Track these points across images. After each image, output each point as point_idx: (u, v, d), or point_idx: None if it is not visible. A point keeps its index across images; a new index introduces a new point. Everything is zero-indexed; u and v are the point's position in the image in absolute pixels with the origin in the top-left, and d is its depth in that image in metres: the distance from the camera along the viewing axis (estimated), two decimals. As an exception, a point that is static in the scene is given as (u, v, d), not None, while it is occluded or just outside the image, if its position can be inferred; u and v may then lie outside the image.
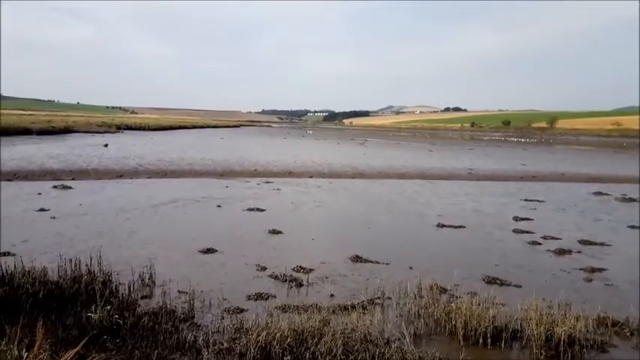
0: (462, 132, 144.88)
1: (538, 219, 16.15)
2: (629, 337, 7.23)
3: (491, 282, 9.56)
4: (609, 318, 7.59)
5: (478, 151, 54.73)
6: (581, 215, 17.18)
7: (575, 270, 10.58)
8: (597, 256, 11.71)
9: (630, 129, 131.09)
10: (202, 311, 7.60)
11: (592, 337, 6.89)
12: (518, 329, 6.98)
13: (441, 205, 18.47)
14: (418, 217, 16.23)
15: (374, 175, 28.32)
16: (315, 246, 12.03)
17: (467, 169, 32.17)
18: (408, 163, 36.39)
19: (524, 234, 13.93)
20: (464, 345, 6.70)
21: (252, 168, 29.09)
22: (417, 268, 10.10)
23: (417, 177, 28.14)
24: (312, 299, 8.21)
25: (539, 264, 11.06)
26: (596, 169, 35.31)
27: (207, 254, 10.89)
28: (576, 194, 22.42)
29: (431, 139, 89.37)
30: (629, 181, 28.23)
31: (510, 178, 28.73)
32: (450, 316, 7.04)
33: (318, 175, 27.49)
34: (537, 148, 67.43)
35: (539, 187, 24.71)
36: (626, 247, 12.80)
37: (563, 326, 6.66)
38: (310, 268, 10.00)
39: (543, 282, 9.71)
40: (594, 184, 25.87)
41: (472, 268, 10.39)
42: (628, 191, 23.37)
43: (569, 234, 13.98)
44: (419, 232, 14.04)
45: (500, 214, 16.92)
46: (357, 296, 8.34)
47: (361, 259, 10.80)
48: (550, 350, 6.53)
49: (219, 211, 16.14)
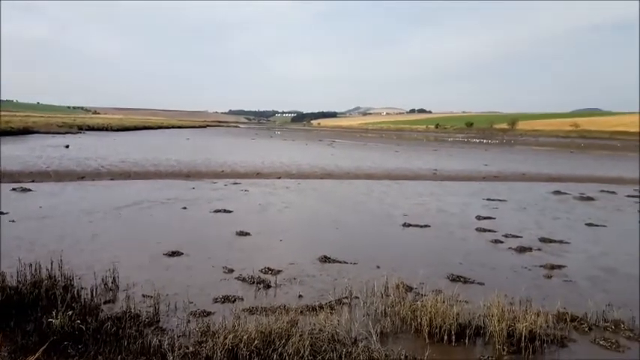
0: (427, 133, 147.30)
1: (500, 218, 16.59)
2: (588, 331, 7.51)
3: (455, 280, 9.77)
4: (568, 313, 7.87)
5: (442, 152, 55.77)
6: (541, 214, 17.75)
7: (536, 267, 10.92)
8: (556, 254, 12.12)
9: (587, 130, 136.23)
10: (168, 315, 7.48)
11: (552, 332, 7.12)
12: (481, 326, 7.16)
13: (407, 205, 18.74)
14: (385, 217, 16.42)
15: (342, 176, 28.49)
16: (284, 247, 12.01)
17: (432, 170, 32.74)
18: (375, 163, 36.76)
19: (486, 233, 14.29)
20: (429, 342, 6.83)
21: (219, 169, 28.79)
22: (384, 268, 10.22)
23: (384, 177, 28.46)
24: (280, 300, 8.20)
25: (501, 262, 11.37)
26: (555, 169, 36.52)
27: (173, 257, 10.71)
28: (536, 193, 23.14)
29: (397, 140, 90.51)
30: (587, 180, 29.32)
31: (473, 178, 29.41)
32: (415, 314, 7.16)
33: (286, 175, 27.44)
34: (499, 148, 69.24)
35: (501, 187, 25.39)
36: (584, 244, 13.29)
37: (524, 322, 6.86)
38: (278, 269, 9.98)
39: (505, 279, 9.99)
40: (553, 184, 26.77)
41: (437, 267, 10.58)
42: (585, 190, 24.28)
43: (530, 232, 14.42)
44: (386, 232, 14.21)
45: (463, 214, 17.30)
46: (325, 296, 8.38)
47: (329, 260, 10.84)
48: (512, 346, 6.72)
49: (185, 212, 15.90)
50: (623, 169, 37.88)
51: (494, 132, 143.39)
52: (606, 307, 8.17)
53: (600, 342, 7.13)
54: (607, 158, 52.58)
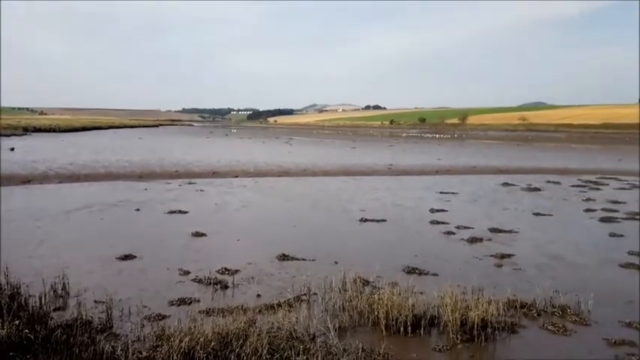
0: (382, 129, 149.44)
1: (452, 210, 17.07)
2: (537, 317, 7.84)
3: (411, 272, 9.99)
4: (518, 300, 8.19)
5: (397, 148, 56.73)
6: (491, 205, 18.38)
7: (487, 257, 11.31)
8: (506, 243, 12.59)
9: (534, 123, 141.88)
10: (121, 320, 7.29)
11: (503, 319, 7.39)
12: (435, 316, 7.36)
13: (363, 201, 18.97)
14: (342, 212, 16.56)
15: (299, 173, 28.50)
16: (241, 247, 11.91)
17: (387, 165, 33.26)
18: (332, 160, 36.97)
19: (440, 225, 14.66)
20: (386, 335, 6.96)
21: (173, 169, 28.19)
22: (341, 263, 10.31)
23: (341, 174, 28.68)
24: (238, 301, 8.13)
25: (454, 253, 11.71)
26: (504, 161, 37.86)
27: (126, 261, 10.43)
28: (486, 186, 23.93)
29: (353, 137, 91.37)
30: (534, 171, 30.57)
31: (427, 172, 30.09)
32: (372, 308, 7.27)
33: (243, 174, 27.19)
34: (451, 143, 71.12)
35: (453, 180, 26.10)
36: (532, 233, 13.87)
37: (476, 311, 7.09)
38: (236, 269, 9.89)
39: (458, 269, 10.29)
40: (502, 176, 27.76)
41: (393, 260, 10.78)
42: (532, 181, 25.31)
43: (481, 223, 14.91)
44: (343, 228, 14.34)
45: (418, 207, 17.68)
46: (283, 294, 8.37)
47: (288, 258, 10.84)
48: (465, 334, 6.93)
49: (138, 215, 15.50)
50: (568, 160, 39.72)
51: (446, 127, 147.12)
52: (553, 293, 8.54)
53: (548, 327, 7.46)
54: (552, 150, 54.96)
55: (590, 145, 63.60)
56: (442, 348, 6.67)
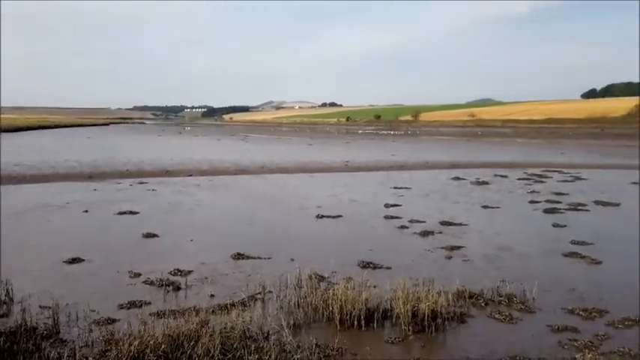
0: (339, 126, 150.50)
1: (406, 205, 17.42)
2: (484, 306, 8.13)
3: (365, 266, 10.13)
4: (467, 291, 8.46)
5: (354, 144, 57.31)
6: (443, 199, 18.88)
7: (438, 249, 11.62)
8: (456, 235, 12.98)
9: (482, 119, 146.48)
10: (68, 325, 7.05)
11: (452, 309, 7.62)
12: (388, 309, 7.51)
13: (320, 197, 19.07)
14: (299, 209, 16.59)
15: (256, 171, 28.31)
16: (194, 247, 11.72)
17: (344, 162, 33.54)
18: (289, 157, 36.94)
19: (394, 219, 14.94)
20: (340, 329, 7.04)
21: (123, 168, 27.38)
22: (297, 260, 10.31)
23: (298, 171, 28.71)
24: (191, 302, 8.01)
25: (407, 246, 11.97)
26: (455, 156, 38.91)
27: (74, 264, 10.08)
28: (438, 180, 24.56)
29: (310, 134, 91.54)
30: (482, 166, 31.58)
31: (382, 168, 30.55)
32: (327, 303, 7.34)
33: (197, 172, 26.75)
34: (405, 139, 72.44)
35: (406, 176, 26.63)
36: (480, 225, 14.34)
37: (426, 302, 7.28)
38: (189, 270, 9.73)
39: (411, 262, 10.53)
40: (453, 170, 28.54)
41: (349, 255, 10.90)
42: (481, 175, 26.14)
43: (433, 217, 15.29)
44: (300, 225, 14.37)
45: (373, 203, 17.94)
46: (237, 294, 8.30)
47: (243, 256, 10.76)
48: (416, 325, 7.11)
49: (86, 216, 14.99)
50: (514, 154, 41.28)
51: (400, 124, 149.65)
52: (500, 282, 8.88)
53: (496, 316, 7.75)
54: (500, 145, 56.96)
55: (534, 140, 66.37)
56: (394, 340, 6.82)
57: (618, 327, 7.29)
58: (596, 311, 7.83)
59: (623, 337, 6.92)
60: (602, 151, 46.49)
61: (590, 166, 31.92)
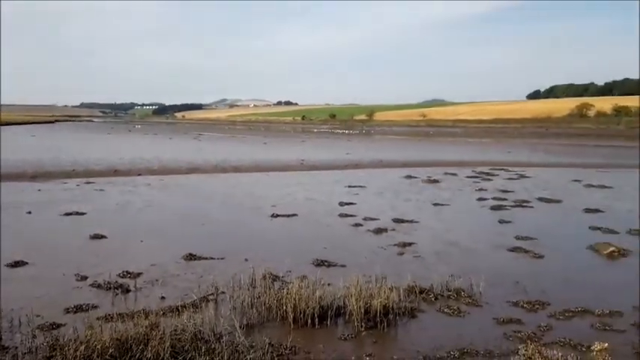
0: (294, 125, 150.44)
1: (360, 203, 17.64)
2: (434, 301, 8.36)
3: (320, 264, 10.20)
4: (417, 286, 8.68)
5: (309, 143, 57.44)
6: (395, 197, 19.24)
7: (390, 246, 11.84)
8: (408, 232, 13.26)
9: (434, 119, 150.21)
10: (11, 332, 6.74)
11: (404, 305, 7.80)
12: (341, 306, 7.59)
13: (275, 196, 19.00)
14: (254, 209, 16.48)
15: (209, 170, 27.89)
16: (145, 248, 11.43)
17: (299, 160, 33.56)
18: (243, 156, 36.59)
19: (348, 217, 15.10)
20: (294, 328, 7.07)
21: (69, 168, 26.30)
22: (252, 260, 10.25)
23: (253, 170, 28.50)
24: (141, 304, 7.80)
25: (361, 243, 12.13)
26: (407, 155, 39.72)
27: (16, 268, 9.63)
28: (391, 179, 25.00)
29: (265, 132, 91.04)
30: (434, 164, 32.39)
31: (337, 166, 30.79)
32: (281, 302, 7.34)
33: (147, 172, 26.06)
34: (360, 138, 73.32)
35: (361, 174, 26.95)
36: (431, 222, 14.72)
37: (379, 298, 7.41)
38: (138, 272, 9.47)
39: (364, 259, 10.68)
40: (405, 169, 29.11)
41: (303, 254, 10.93)
42: (432, 173, 26.79)
43: (386, 214, 15.55)
44: (254, 224, 14.27)
45: (328, 201, 18.06)
46: (189, 295, 8.16)
47: (195, 257, 10.59)
48: (369, 322, 7.22)
49: (30, 218, 14.32)
50: (464, 153, 42.57)
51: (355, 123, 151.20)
52: (449, 277, 9.17)
53: (445, 310, 7.99)
54: (450, 144, 58.60)
55: (483, 139, 68.61)
56: (347, 337, 6.91)
57: (559, 318, 7.67)
58: (538, 303, 8.21)
59: (564, 328, 7.29)
60: (546, 150, 48.66)
61: (535, 164, 33.36)
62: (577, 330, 7.21)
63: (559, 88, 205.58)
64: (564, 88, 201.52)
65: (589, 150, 48.62)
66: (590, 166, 32.17)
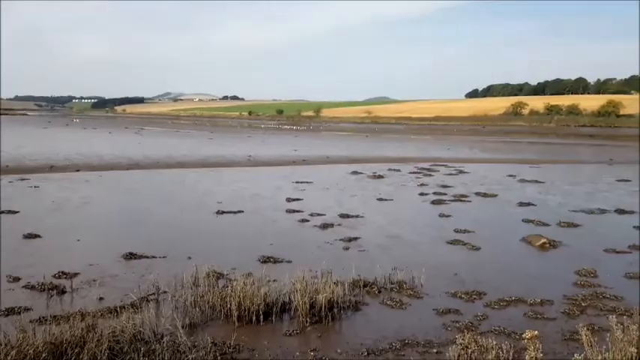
0: (241, 120, 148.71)
1: (307, 198, 17.72)
2: (378, 294, 8.56)
3: (266, 261, 10.17)
4: (361, 280, 8.85)
5: (256, 139, 56.95)
6: (342, 192, 19.48)
7: (336, 241, 11.99)
8: (353, 227, 13.47)
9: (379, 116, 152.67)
10: None
11: (348, 298, 7.93)
12: (287, 302, 7.62)
13: (221, 192, 18.74)
14: (198, 205, 16.18)
15: (151, 166, 27.08)
16: (82, 247, 10.97)
17: (246, 156, 33.23)
18: (188, 151, 35.80)
19: (295, 213, 15.14)
20: (238, 326, 7.02)
21: (1, 164, 24.73)
22: (195, 258, 10.06)
23: (198, 165, 27.95)
24: (77, 306, 7.49)
25: (308, 239, 12.20)
26: (353, 151, 40.25)
27: (-63, 272, 8.95)
28: (338, 174, 25.27)
29: (211, 127, 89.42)
30: (378, 160, 33.02)
31: (285, 162, 30.75)
32: (225, 300, 7.26)
33: (86, 168, 24.98)
34: (307, 134, 73.53)
35: (308, 170, 27.07)
36: (375, 216, 15.01)
37: (324, 293, 7.49)
38: (75, 272, 9.08)
39: (311, 255, 10.75)
40: (352, 165, 29.54)
41: (249, 250, 10.86)
42: (377, 169, 27.29)
43: (332, 209, 15.72)
44: (198, 221, 14.02)
45: (275, 197, 18.02)
46: (129, 296, 7.91)
47: (135, 256, 10.28)
48: (314, 317, 7.29)
49: (-48, 218, 13.36)
50: (407, 150, 43.62)
51: (303, 119, 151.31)
52: (392, 270, 9.40)
53: (387, 302, 8.20)
54: (394, 141, 59.85)
55: (425, 136, 70.58)
56: (292, 332, 6.94)
57: (494, 307, 8.06)
58: (475, 294, 8.58)
59: (499, 317, 7.67)
60: (483, 146, 50.71)
61: (473, 160, 34.72)
62: (511, 319, 7.59)
63: (495, 88, 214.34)
64: (500, 87, 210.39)
65: (523, 146, 51.16)
66: (524, 161, 33.89)
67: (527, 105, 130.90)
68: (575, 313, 7.82)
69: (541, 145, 52.99)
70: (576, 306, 8.11)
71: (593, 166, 31.78)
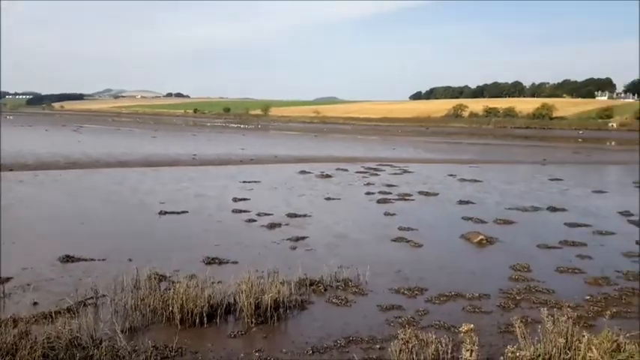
0: (186, 118, 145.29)
1: (254, 198, 17.60)
2: (324, 292, 8.64)
3: (210, 262, 10.02)
4: (308, 279, 8.90)
5: (202, 137, 55.89)
6: (290, 192, 19.50)
7: (283, 240, 11.99)
8: (301, 227, 13.52)
9: (327, 116, 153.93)
10: None
11: (294, 298, 7.96)
12: (232, 303, 7.54)
13: (164, 192, 18.27)
14: (140, 206, 15.71)
15: (91, 165, 26.01)
16: (16, 250, 10.38)
17: (191, 155, 32.56)
18: (130, 150, 34.64)
19: (242, 213, 15.00)
20: (181, 329, 6.88)
21: None
22: (136, 260, 9.76)
23: (141, 165, 27.10)
24: (10, 312, 7.09)
25: (255, 239, 12.13)
26: (302, 151, 40.35)
27: None
28: (286, 174, 25.27)
29: (155, 125, 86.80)
30: (327, 160, 33.26)
31: (232, 162, 30.39)
32: (167, 303, 7.09)
33: (20, 167, 23.65)
34: (255, 133, 72.92)
35: (256, 169, 26.89)
36: (323, 216, 15.13)
37: (270, 293, 7.48)
38: (7, 276, 8.61)
39: (257, 255, 10.69)
40: (300, 164, 29.60)
41: (193, 251, 10.66)
42: (325, 169, 27.51)
43: (280, 209, 15.70)
44: (140, 222, 13.61)
45: (221, 197, 17.77)
46: (66, 300, 7.56)
47: (72, 259, 9.86)
48: (260, 317, 7.26)
49: None
50: (354, 150, 44.20)
51: (250, 117, 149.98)
52: (338, 268, 9.52)
53: (333, 300, 8.30)
54: (342, 141, 60.51)
55: (372, 137, 71.76)
56: (237, 334, 6.89)
57: (435, 302, 8.34)
58: (417, 289, 8.85)
59: (439, 312, 7.94)
60: (426, 147, 52.19)
61: (416, 160, 35.67)
62: (450, 313, 7.89)
63: (438, 90, 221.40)
64: (442, 90, 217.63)
65: (463, 147, 53.08)
66: (464, 161, 35.22)
67: (467, 107, 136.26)
68: (510, 307, 8.22)
69: (480, 146, 55.20)
70: (511, 299, 8.53)
71: (527, 166, 33.45)
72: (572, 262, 10.76)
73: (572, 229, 14.05)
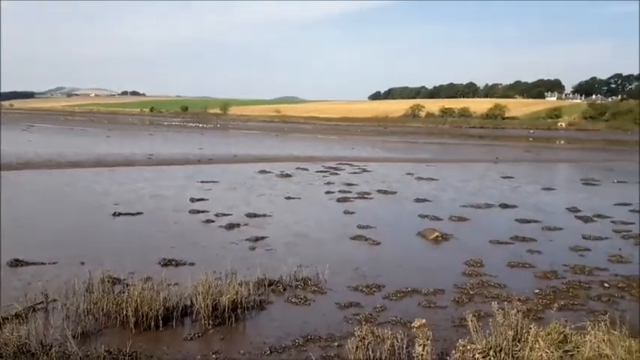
0: (142, 117, 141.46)
1: (213, 198, 17.38)
2: (283, 292, 8.64)
3: (167, 264, 9.84)
4: (267, 279, 8.88)
5: (158, 137, 54.65)
6: (249, 192, 19.35)
7: (243, 241, 11.91)
8: (260, 226, 13.46)
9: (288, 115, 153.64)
10: None
11: (253, 298, 7.93)
12: (188, 305, 7.44)
13: (118, 193, 17.79)
14: (93, 207, 15.23)
15: (42, 165, 24.98)
16: (-44, 256, 9.85)
17: (147, 155, 31.81)
18: (83, 150, 33.47)
19: (199, 214, 14.79)
20: (135, 332, 6.74)
21: None
22: (89, 263, 9.50)
23: (94, 165, 26.25)
24: (-50, 321, 6.74)
25: (212, 240, 11.99)
26: (262, 150, 40.08)
27: None
28: (245, 173, 25.05)
29: (109, 125, 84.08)
30: (287, 159, 33.19)
31: (189, 161, 29.86)
32: (120, 307, 6.92)
33: (-40, 168, 22.41)
34: (214, 132, 71.89)
35: (214, 169, 26.53)
36: (283, 215, 15.12)
37: (227, 294, 7.42)
38: (-53, 284, 8.16)
39: (215, 256, 10.57)
40: (260, 164, 29.42)
41: (149, 253, 10.45)
42: (285, 168, 27.46)
43: (239, 209, 15.57)
44: (93, 224, 13.20)
45: (178, 197, 17.46)
46: (14, 306, 7.25)
47: (21, 262, 9.48)
48: (217, 319, 7.19)
49: None
50: (314, 149, 44.30)
51: (209, 116, 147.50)
52: (297, 268, 9.56)
53: (292, 299, 8.32)
54: (302, 140, 60.54)
55: (332, 136, 72.08)
56: (194, 336, 6.80)
57: (392, 299, 8.49)
58: (375, 287, 8.99)
59: (396, 308, 8.10)
60: (384, 146, 52.90)
61: (375, 159, 36.14)
62: (407, 309, 8.05)
63: (396, 91, 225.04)
64: (400, 90, 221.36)
65: (420, 146, 54.11)
66: (421, 160, 35.91)
67: (424, 107, 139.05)
68: (463, 301, 8.47)
69: (436, 145, 56.42)
70: (465, 294, 8.79)
71: (481, 165, 34.46)
72: (522, 257, 11.19)
73: (522, 225, 14.59)
